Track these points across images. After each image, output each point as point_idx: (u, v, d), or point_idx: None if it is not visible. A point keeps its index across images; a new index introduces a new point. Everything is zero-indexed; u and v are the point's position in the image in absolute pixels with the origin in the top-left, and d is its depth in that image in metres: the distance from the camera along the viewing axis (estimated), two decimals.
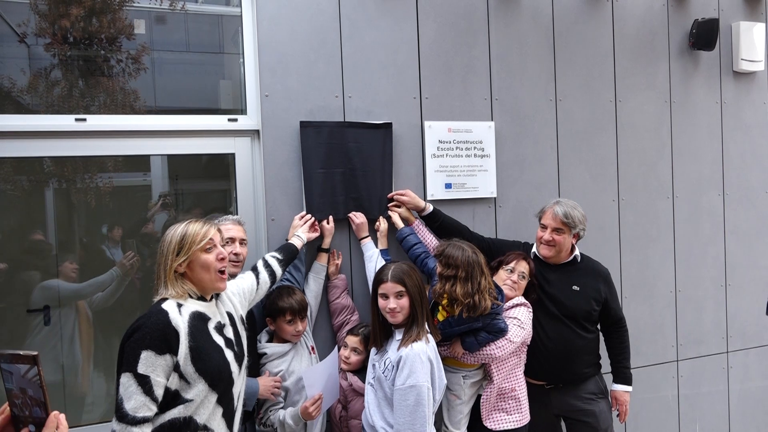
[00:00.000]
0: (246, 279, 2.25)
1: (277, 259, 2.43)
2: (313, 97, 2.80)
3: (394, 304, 2.24)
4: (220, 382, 1.82)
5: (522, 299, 2.67)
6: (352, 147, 2.80)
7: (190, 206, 3.42)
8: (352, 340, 2.60)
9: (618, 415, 2.92)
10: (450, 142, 3.03)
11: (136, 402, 1.65)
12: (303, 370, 2.47)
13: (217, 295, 1.99)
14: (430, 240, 2.84)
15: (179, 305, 1.81)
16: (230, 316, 2.00)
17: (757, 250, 3.81)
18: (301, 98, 2.78)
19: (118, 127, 2.68)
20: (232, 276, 2.34)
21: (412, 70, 2.98)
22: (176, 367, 1.73)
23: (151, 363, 1.68)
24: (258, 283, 2.29)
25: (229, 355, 1.88)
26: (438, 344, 2.50)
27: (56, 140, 2.60)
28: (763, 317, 3.81)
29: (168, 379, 1.72)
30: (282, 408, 2.46)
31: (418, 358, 2.15)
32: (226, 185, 2.99)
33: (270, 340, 2.56)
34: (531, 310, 2.66)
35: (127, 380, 1.66)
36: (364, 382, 2.46)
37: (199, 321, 1.83)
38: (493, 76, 3.14)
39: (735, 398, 3.78)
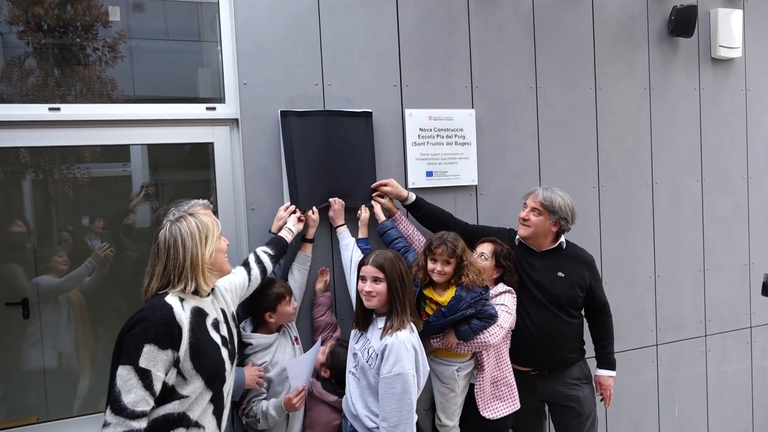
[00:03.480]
0: (237, 275, 2.24)
1: (269, 254, 2.42)
2: (292, 85, 2.78)
3: (370, 288, 2.26)
4: (215, 380, 1.82)
5: (505, 286, 2.69)
6: (333, 136, 2.79)
7: (172, 197, 3.39)
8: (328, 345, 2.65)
9: (602, 400, 2.95)
10: (431, 130, 3.02)
11: (136, 396, 1.62)
12: (287, 361, 2.47)
13: (212, 291, 1.97)
14: (411, 231, 2.85)
15: (181, 300, 1.79)
16: (223, 312, 1.99)
17: (734, 235, 3.87)
18: (280, 86, 2.75)
19: (92, 117, 2.63)
20: None
21: (392, 58, 2.96)
22: (176, 363, 1.72)
23: (153, 357, 1.66)
24: (249, 278, 2.28)
25: (224, 353, 1.88)
26: (431, 336, 2.53)
27: (30, 130, 2.54)
28: (739, 301, 3.88)
29: (167, 374, 1.70)
30: (264, 399, 2.46)
31: (403, 346, 2.16)
32: (207, 175, 2.97)
33: (254, 331, 2.55)
34: (515, 295, 2.69)
35: (126, 373, 1.63)
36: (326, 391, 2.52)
37: (199, 317, 1.82)
38: (474, 63, 3.13)
39: (713, 381, 3.85)
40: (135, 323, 1.69)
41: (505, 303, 2.62)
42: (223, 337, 1.90)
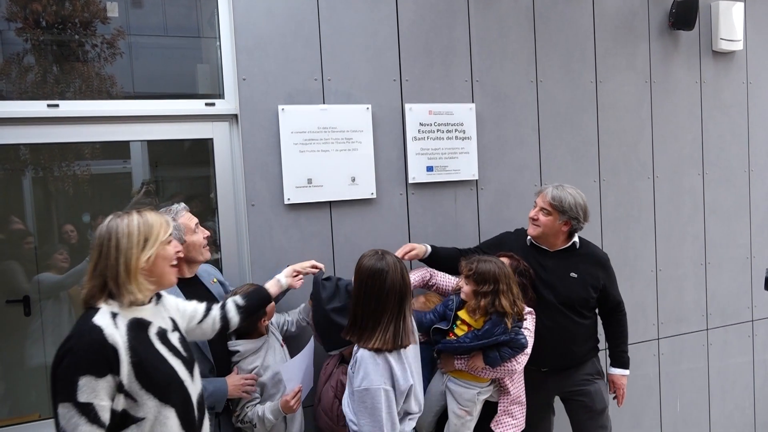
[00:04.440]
0: (190, 304, 2.00)
1: (237, 305, 2.12)
2: (291, 80, 2.77)
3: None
4: (171, 395, 1.65)
5: (526, 308, 2.56)
6: None
7: (172, 193, 3.39)
8: None
9: (615, 398, 2.92)
10: (431, 125, 3.01)
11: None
12: (281, 364, 2.43)
13: (159, 298, 1.81)
14: (441, 277, 2.78)
15: (113, 315, 1.60)
16: (174, 322, 1.83)
17: (736, 228, 3.86)
18: (279, 81, 2.75)
19: (91, 113, 2.62)
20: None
21: (391, 52, 2.95)
22: (120, 387, 1.56)
23: (91, 388, 1.51)
24: (202, 320, 2.01)
25: (176, 363, 1.70)
26: (456, 357, 2.45)
27: (28, 127, 2.54)
28: (741, 295, 3.88)
29: (113, 401, 1.55)
30: (258, 403, 2.40)
31: (371, 360, 2.05)
32: (207, 171, 2.96)
33: (239, 338, 2.46)
34: (534, 315, 2.61)
35: (67, 411, 1.49)
36: None
37: (138, 330, 1.64)
38: (474, 57, 3.12)
39: (714, 375, 3.84)
40: (64, 355, 1.53)
41: (528, 327, 2.52)
42: (172, 347, 1.73)
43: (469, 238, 3.09)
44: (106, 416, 1.53)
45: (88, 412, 1.50)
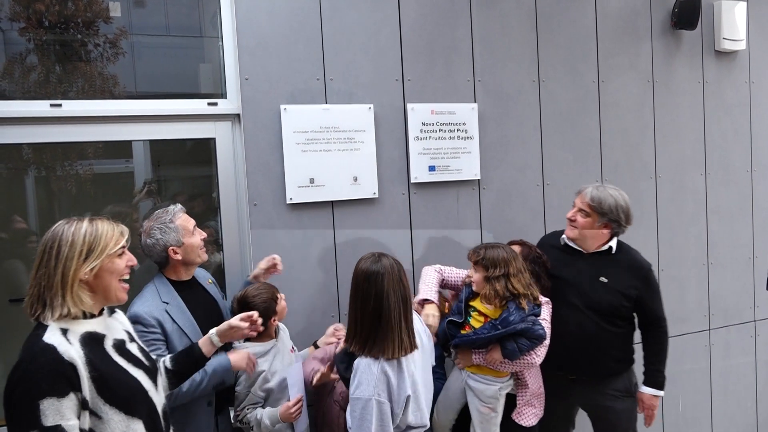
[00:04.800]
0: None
1: (167, 368, 1.86)
2: (293, 79, 2.77)
3: None
4: (136, 406, 1.57)
5: (542, 297, 2.52)
6: None
7: (174, 192, 3.39)
8: None
9: (644, 419, 2.72)
10: (433, 125, 3.01)
11: None
12: (287, 370, 2.37)
13: (112, 312, 1.72)
14: (448, 272, 2.70)
15: (64, 331, 1.49)
16: (130, 334, 1.74)
17: (738, 228, 3.85)
18: (281, 81, 2.75)
19: (94, 113, 2.63)
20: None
21: (394, 52, 2.95)
22: (84, 404, 1.46)
23: (56, 410, 1.40)
24: None
25: (138, 373, 1.61)
26: (473, 351, 2.40)
27: (31, 126, 2.55)
28: (743, 295, 3.87)
29: (79, 419, 1.45)
30: (261, 407, 2.35)
31: (367, 369, 1.97)
32: (209, 171, 2.97)
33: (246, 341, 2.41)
34: (551, 306, 2.54)
35: None
36: None
37: (93, 343, 1.54)
38: (476, 57, 3.12)
39: (716, 375, 3.84)
40: (18, 382, 1.42)
41: (545, 317, 2.46)
42: (132, 356, 1.65)
43: (471, 237, 3.09)
44: None
45: None
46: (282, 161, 2.73)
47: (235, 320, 2.01)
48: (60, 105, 2.58)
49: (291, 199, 2.75)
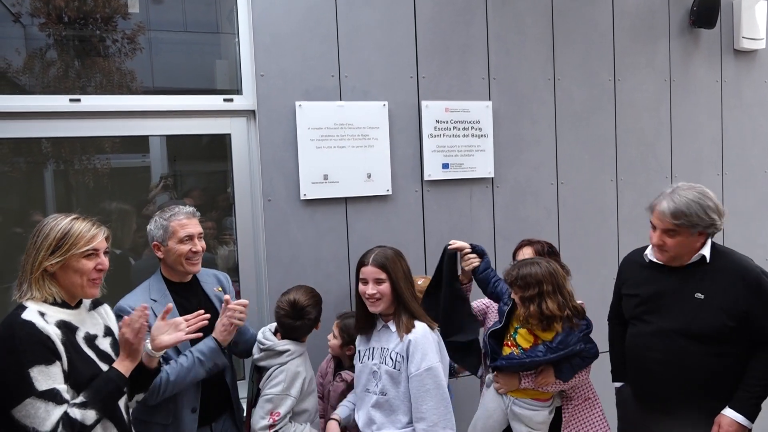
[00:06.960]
0: None
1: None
2: (308, 77, 2.78)
3: (374, 290, 2.08)
4: None
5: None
6: None
7: (190, 188, 3.42)
8: (335, 324, 2.53)
9: None
10: (447, 122, 3.01)
11: (55, 415, 1.44)
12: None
13: (95, 305, 1.78)
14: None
15: (41, 314, 1.57)
16: (109, 330, 1.79)
17: (755, 229, 3.80)
18: (296, 78, 2.76)
19: (112, 108, 2.67)
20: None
21: (408, 50, 2.95)
22: (66, 377, 1.52)
23: (47, 375, 1.47)
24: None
25: (105, 367, 1.66)
26: (521, 374, 2.24)
27: (51, 120, 2.60)
28: None
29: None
30: (295, 421, 2.24)
31: (427, 339, 2.03)
32: (225, 166, 2.99)
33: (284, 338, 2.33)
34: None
35: (30, 407, 1.43)
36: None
37: (67, 331, 1.60)
38: (491, 55, 3.11)
39: None
40: (2, 357, 1.48)
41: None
42: (101, 352, 1.69)
43: (485, 236, 3.09)
44: (69, 396, 1.51)
45: (54, 396, 1.46)
46: (296, 157, 2.75)
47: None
48: (79, 100, 2.62)
49: (305, 195, 2.77)
